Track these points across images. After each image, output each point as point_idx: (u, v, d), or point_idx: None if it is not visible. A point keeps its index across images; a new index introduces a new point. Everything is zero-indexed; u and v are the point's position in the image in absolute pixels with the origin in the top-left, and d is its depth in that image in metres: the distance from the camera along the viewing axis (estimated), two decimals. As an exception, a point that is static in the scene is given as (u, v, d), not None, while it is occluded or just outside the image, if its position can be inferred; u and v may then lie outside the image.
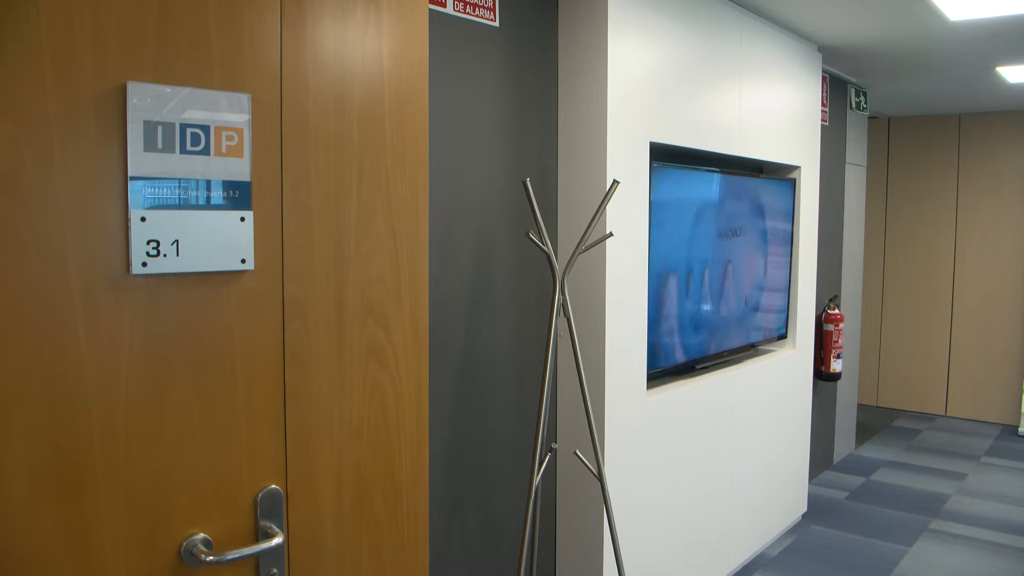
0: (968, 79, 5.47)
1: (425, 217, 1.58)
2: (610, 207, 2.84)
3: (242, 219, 1.31)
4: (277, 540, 1.36)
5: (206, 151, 1.27)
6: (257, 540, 1.37)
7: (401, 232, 1.54)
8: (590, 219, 2.48)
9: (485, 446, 2.77)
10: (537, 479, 2.49)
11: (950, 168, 7.16)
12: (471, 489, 2.73)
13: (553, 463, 3.07)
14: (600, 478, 2.56)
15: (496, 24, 2.70)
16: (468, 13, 2.58)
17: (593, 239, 2.55)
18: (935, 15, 3.82)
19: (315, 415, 1.44)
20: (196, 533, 1.30)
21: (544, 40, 2.92)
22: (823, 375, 5.09)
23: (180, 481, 1.28)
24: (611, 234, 2.57)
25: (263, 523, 1.38)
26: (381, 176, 1.51)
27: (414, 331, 1.58)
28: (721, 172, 3.67)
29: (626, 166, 2.94)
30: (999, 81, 5.44)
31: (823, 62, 4.73)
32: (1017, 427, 6.74)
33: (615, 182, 2.48)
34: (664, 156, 3.35)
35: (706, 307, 3.67)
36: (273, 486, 1.39)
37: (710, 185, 3.64)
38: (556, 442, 3.03)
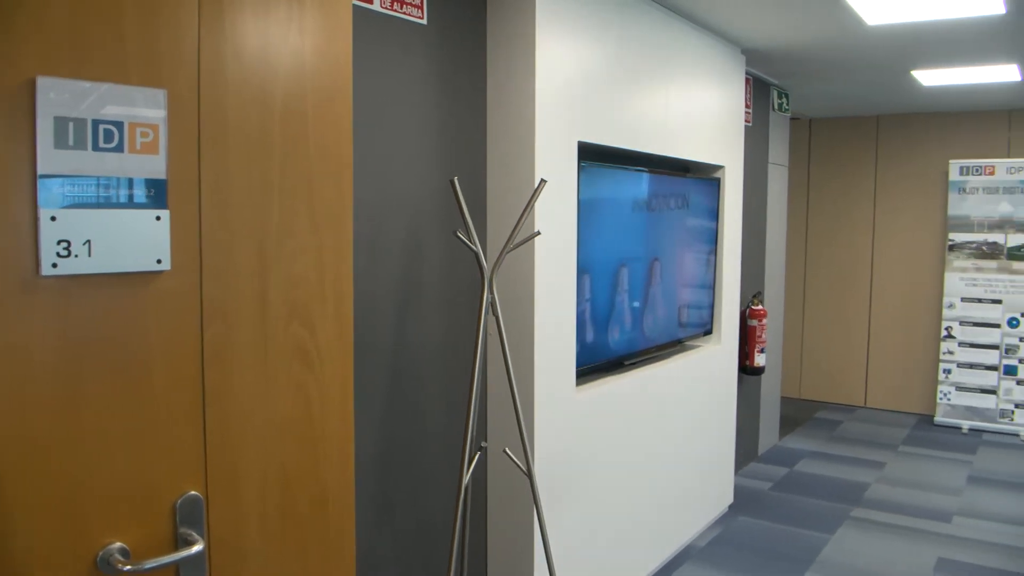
0: (885, 82, 5.67)
1: (350, 215, 1.57)
2: (539, 206, 2.85)
3: (158, 218, 1.28)
4: (197, 548, 1.33)
5: (120, 148, 1.23)
6: (177, 548, 1.34)
7: (325, 231, 1.53)
8: (518, 218, 2.49)
9: (416, 445, 2.76)
10: (466, 478, 2.49)
11: (868, 168, 7.40)
12: (402, 489, 2.71)
13: (484, 461, 3.08)
14: (529, 475, 2.58)
15: (424, 22, 2.69)
16: (396, 10, 2.57)
17: (521, 238, 2.57)
18: (854, 20, 3.94)
19: (237, 417, 1.41)
20: (113, 542, 1.27)
21: (473, 39, 2.92)
22: (747, 369, 5.21)
23: (96, 488, 1.24)
24: (539, 233, 2.59)
25: (183, 530, 1.35)
26: (304, 174, 1.49)
27: (339, 331, 1.56)
28: (649, 172, 3.73)
29: (555, 165, 2.96)
30: (914, 84, 5.65)
31: (747, 64, 4.85)
32: (933, 417, 7.01)
33: (542, 181, 2.50)
34: (593, 156, 3.38)
35: (634, 304, 3.72)
36: (193, 492, 1.36)
37: (638, 184, 3.70)
38: (486, 440, 3.03)
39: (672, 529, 4.11)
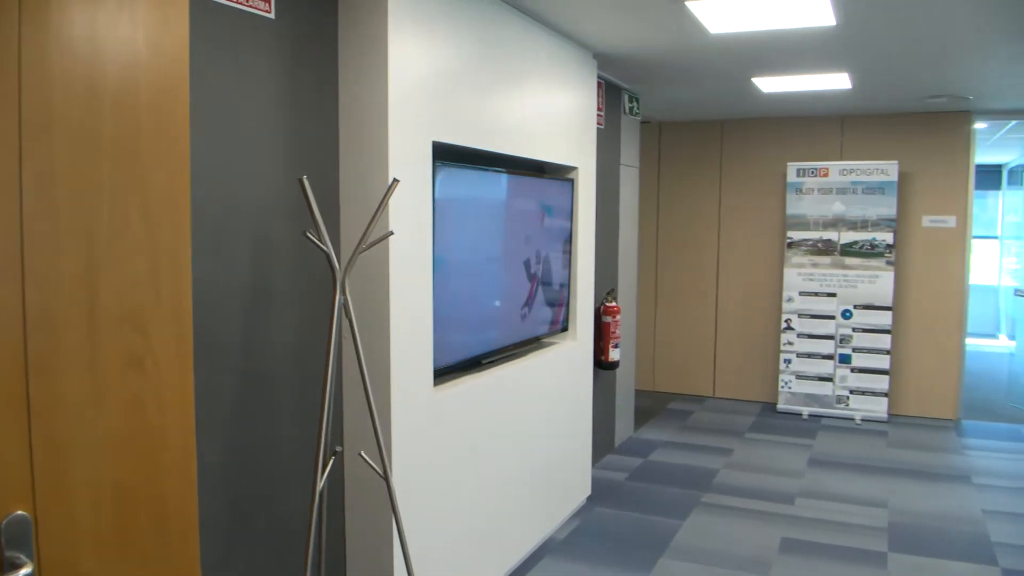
0: (728, 88, 5.95)
1: (187, 214, 1.51)
2: (393, 206, 2.83)
3: (-29, 219, 1.19)
4: (25, 571, 1.25)
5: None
6: (3, 572, 1.25)
7: (161, 231, 1.46)
8: (370, 218, 2.46)
9: (270, 451, 2.68)
10: (321, 483, 2.44)
11: (714, 170, 7.77)
12: (256, 497, 2.63)
13: (340, 465, 3.03)
14: (386, 478, 2.56)
15: (272, 15, 2.62)
16: (240, 3, 2.48)
17: (374, 238, 2.54)
18: (698, 28, 4.11)
19: (66, 431, 1.33)
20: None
21: (323, 35, 2.86)
22: (603, 364, 5.36)
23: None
24: (392, 232, 2.57)
25: (9, 553, 1.26)
26: (138, 170, 1.42)
27: (177, 336, 1.50)
28: (504, 172, 3.77)
29: (409, 165, 2.95)
30: (755, 90, 5.96)
31: (599, 68, 4.98)
32: (776, 404, 7.43)
33: (395, 180, 2.48)
34: (451, 156, 3.39)
35: (492, 303, 3.76)
36: (20, 512, 1.27)
37: (495, 185, 3.73)
38: (342, 444, 2.98)
39: (532, 524, 4.18)
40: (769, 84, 5.72)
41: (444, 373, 3.39)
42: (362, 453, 2.64)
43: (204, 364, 2.34)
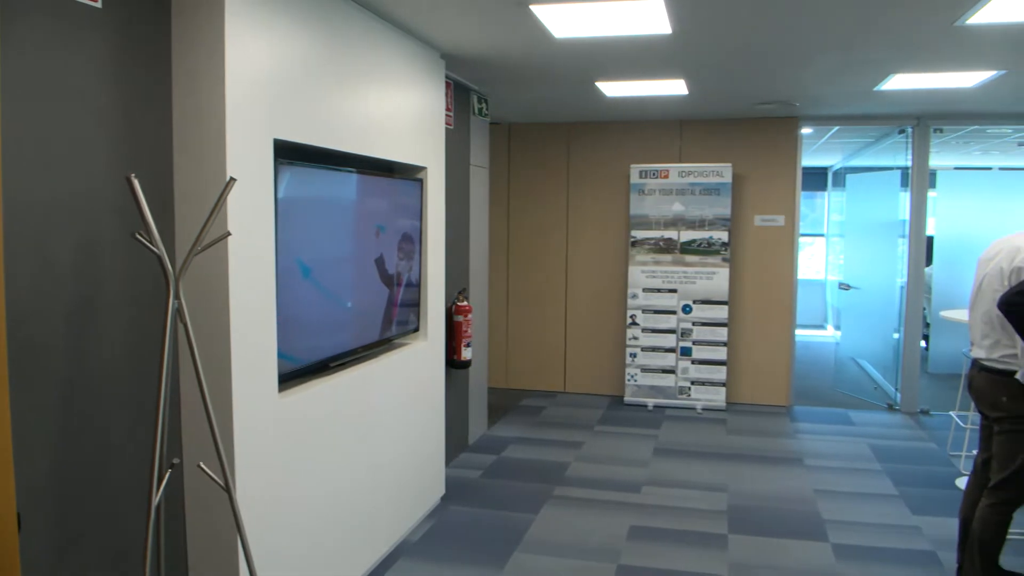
0: (574, 92, 6.10)
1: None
2: (234, 206, 2.74)
3: None
4: None
5: None
6: None
7: (-36, 235, 1.35)
8: (206, 218, 2.37)
9: (104, 468, 2.53)
10: (157, 498, 2.33)
11: (562, 171, 7.95)
12: (90, 515, 2.47)
13: (180, 478, 2.89)
14: (227, 489, 2.47)
15: (98, 5, 2.47)
16: (59, -10, 2.33)
17: (210, 239, 2.45)
18: (543, 32, 4.19)
19: None
20: None
21: (156, 27, 2.73)
22: (455, 363, 5.38)
23: None
24: (229, 233, 2.48)
25: None
26: (-66, 171, 1.31)
27: (-16, 347, 1.39)
28: (351, 171, 3.71)
29: (248, 164, 2.85)
30: (599, 94, 6.13)
31: (448, 69, 4.99)
32: (623, 397, 7.69)
33: (231, 179, 2.40)
34: (302, 156, 3.31)
35: (341, 305, 3.70)
36: None
37: (342, 184, 3.67)
38: (181, 455, 2.86)
39: (385, 527, 4.14)
40: (612, 89, 5.91)
41: (291, 378, 3.31)
42: (201, 464, 2.53)
43: (22, 378, 2.18)
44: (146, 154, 2.69)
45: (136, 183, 2.21)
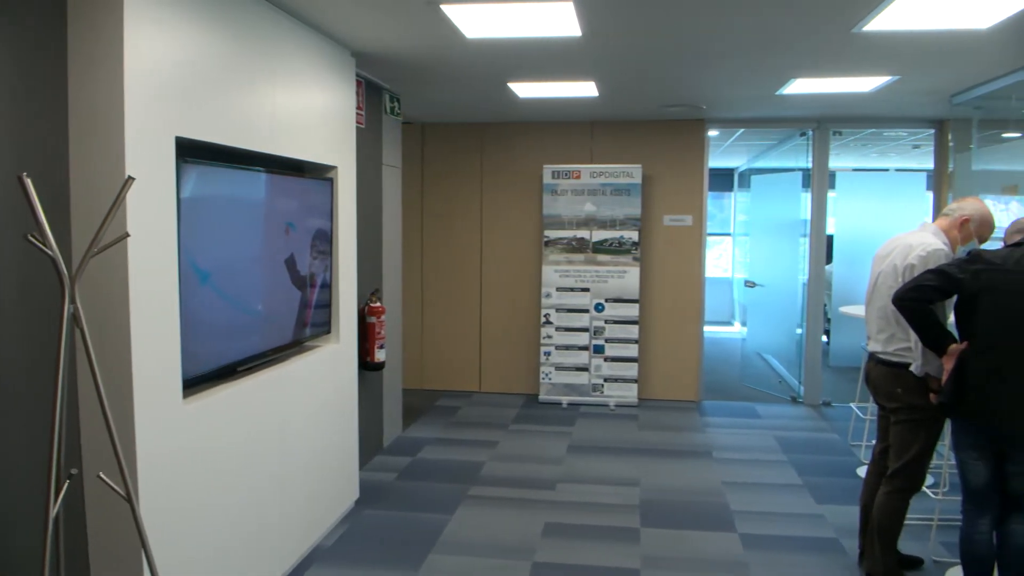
0: (487, 92, 6.11)
1: None
2: (133, 206, 2.64)
3: None
4: None
5: None
6: None
7: None
8: (103, 219, 2.28)
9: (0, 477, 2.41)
10: (55, 510, 2.23)
11: (475, 171, 7.96)
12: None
13: (80, 489, 2.78)
14: (129, 499, 2.38)
15: (-15, -4, 2.35)
16: (-60, -21, 2.21)
17: (108, 240, 2.35)
18: (454, 32, 4.18)
19: None
20: None
21: (53, 19, 2.61)
22: (368, 365, 5.32)
23: None
24: (128, 235, 2.39)
25: None
26: None
27: None
28: (259, 171, 3.63)
29: (149, 162, 2.76)
30: (512, 95, 6.16)
31: (359, 67, 4.93)
32: (538, 396, 7.74)
33: (129, 178, 2.31)
34: (209, 155, 3.22)
35: (249, 307, 3.61)
36: None
37: (250, 184, 3.59)
38: (81, 465, 2.74)
39: (298, 533, 4.07)
40: (524, 90, 5.94)
41: (197, 383, 3.22)
42: (101, 475, 2.44)
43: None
44: (40, 152, 2.58)
45: (28, 182, 2.11)
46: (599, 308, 7.51)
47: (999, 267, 3.27)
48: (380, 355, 5.37)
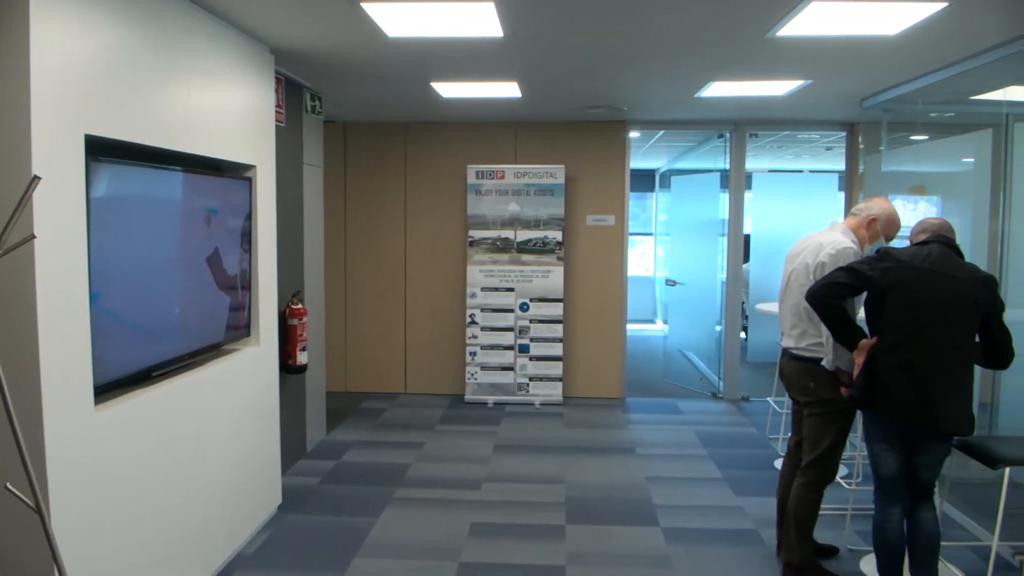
0: (410, 91, 6.07)
1: None
2: (39, 207, 2.54)
3: None
4: None
5: None
6: None
7: None
8: (7, 221, 2.19)
9: None
10: (-44, 523, 2.13)
11: (399, 171, 7.91)
12: None
13: (-16, 501, 2.66)
14: (38, 510, 2.29)
15: None
16: None
17: (14, 242, 2.26)
18: (375, 31, 4.15)
19: None
20: None
21: (-58, 11, 2.50)
22: (290, 368, 5.23)
23: None
24: (35, 236, 2.31)
25: None
26: None
27: None
28: (175, 170, 3.54)
29: (56, 161, 2.66)
30: (435, 95, 6.14)
31: (278, 65, 4.84)
32: (464, 396, 7.74)
33: (36, 177, 2.23)
34: (124, 154, 3.11)
35: (164, 310, 3.51)
36: None
37: (165, 183, 3.49)
38: (-15, 476, 2.63)
39: (219, 541, 3.97)
40: (447, 89, 5.93)
41: (109, 389, 3.11)
42: (9, 485, 2.34)
43: None
44: (-64, 150, 2.46)
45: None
46: (524, 308, 7.55)
47: (907, 264, 3.41)
48: (302, 358, 5.29)
